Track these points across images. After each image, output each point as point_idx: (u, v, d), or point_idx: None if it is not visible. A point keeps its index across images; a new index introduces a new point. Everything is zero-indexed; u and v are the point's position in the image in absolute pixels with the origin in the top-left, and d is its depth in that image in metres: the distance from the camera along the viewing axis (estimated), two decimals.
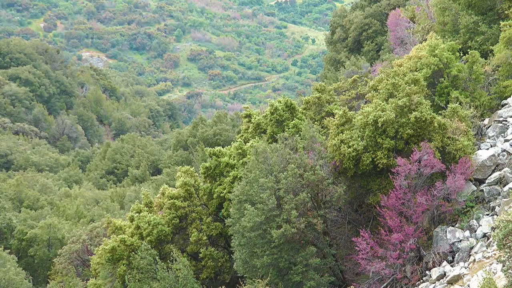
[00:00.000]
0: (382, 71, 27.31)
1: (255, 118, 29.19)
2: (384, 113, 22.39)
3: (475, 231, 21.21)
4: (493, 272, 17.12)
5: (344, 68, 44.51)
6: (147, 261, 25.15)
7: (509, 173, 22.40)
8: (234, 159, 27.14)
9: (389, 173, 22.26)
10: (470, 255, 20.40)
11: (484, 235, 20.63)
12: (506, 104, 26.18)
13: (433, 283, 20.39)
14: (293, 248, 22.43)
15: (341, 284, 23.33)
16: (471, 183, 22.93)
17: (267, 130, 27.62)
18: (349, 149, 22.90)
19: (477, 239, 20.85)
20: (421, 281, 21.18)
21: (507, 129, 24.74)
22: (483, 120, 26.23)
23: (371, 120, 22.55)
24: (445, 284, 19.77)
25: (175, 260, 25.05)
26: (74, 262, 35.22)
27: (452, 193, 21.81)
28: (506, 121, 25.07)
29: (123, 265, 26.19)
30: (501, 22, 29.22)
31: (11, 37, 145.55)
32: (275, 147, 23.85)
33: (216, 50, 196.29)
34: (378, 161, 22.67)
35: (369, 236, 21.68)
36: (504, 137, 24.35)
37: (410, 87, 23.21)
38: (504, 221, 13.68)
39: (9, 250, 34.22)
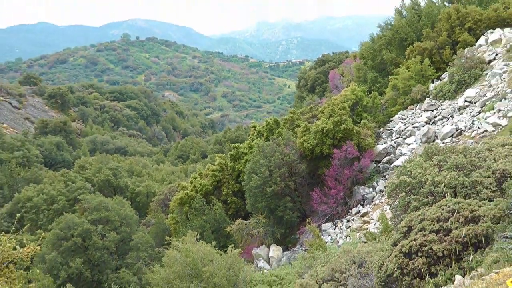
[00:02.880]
0: (326, 102, 27.64)
1: (257, 128, 28.80)
2: (327, 125, 22.46)
3: (375, 188, 21.63)
4: (384, 210, 17.45)
5: (306, 101, 44.25)
6: (199, 204, 25.78)
7: (394, 157, 22.75)
8: (246, 150, 27.07)
9: (329, 158, 22.33)
10: (372, 201, 20.92)
11: (380, 191, 21.00)
12: (392, 120, 26.56)
13: (353, 216, 20.83)
14: (278, 198, 22.40)
15: (304, 217, 22.79)
16: (373, 163, 23.19)
17: (264, 134, 27.15)
18: (308, 145, 22.88)
19: (376, 193, 21.32)
20: (347, 215, 21.53)
21: (392, 134, 25.18)
22: (379, 129, 26.36)
23: (320, 129, 22.62)
24: (359, 216, 20.24)
25: (214, 204, 25.69)
26: (160, 205, 35.64)
27: (363, 168, 22.12)
28: (391, 129, 25.59)
29: (187, 206, 26.76)
30: (389, 76, 29.68)
31: (127, 84, 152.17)
32: (268, 143, 23.83)
33: (236, 91, 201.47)
34: (324, 151, 22.69)
35: (319, 191, 21.88)
36: (391, 138, 24.86)
37: (341, 111, 23.36)
38: (390, 183, 12.40)
39: (126, 199, 33.89)
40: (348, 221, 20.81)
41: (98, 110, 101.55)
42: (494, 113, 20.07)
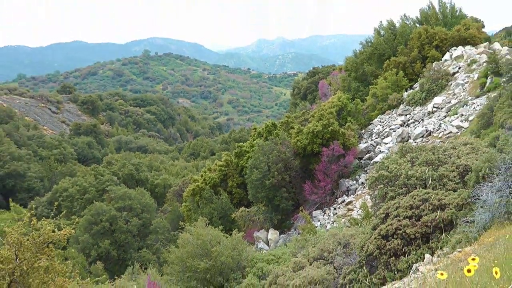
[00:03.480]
0: (316, 108, 27.45)
1: (258, 130, 27.90)
2: (317, 127, 22.13)
3: (358, 181, 21.40)
4: (366, 199, 17.35)
5: (299, 106, 43.05)
6: (208, 195, 25.17)
7: (373, 154, 22.56)
8: (248, 148, 26.30)
9: (319, 155, 22.06)
10: (356, 192, 20.72)
11: (362, 183, 20.77)
12: (372, 123, 26.39)
13: (339, 204, 20.68)
14: (275, 189, 22.14)
15: (297, 205, 22.16)
16: (356, 159, 22.86)
17: (263, 135, 26.27)
18: (301, 144, 22.43)
19: (359, 185, 21.08)
20: (334, 203, 21.22)
21: (372, 134, 24.97)
22: (361, 131, 25.96)
23: (311, 130, 22.22)
24: (345, 205, 20.04)
25: (221, 194, 25.14)
26: (175, 195, 35.21)
27: (347, 164, 21.87)
28: (371, 131, 25.37)
29: (198, 196, 26.06)
30: (370, 86, 29.54)
31: (147, 93, 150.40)
32: (267, 143, 23.48)
33: (240, 98, 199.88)
34: (314, 149, 22.25)
35: (310, 183, 21.59)
36: (371, 138, 24.60)
37: (328, 115, 22.85)
38: (371, 176, 11.72)
39: (146, 190, 33.98)
40: (335, 208, 20.72)
41: (123, 115, 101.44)
42: (458, 117, 20.28)
